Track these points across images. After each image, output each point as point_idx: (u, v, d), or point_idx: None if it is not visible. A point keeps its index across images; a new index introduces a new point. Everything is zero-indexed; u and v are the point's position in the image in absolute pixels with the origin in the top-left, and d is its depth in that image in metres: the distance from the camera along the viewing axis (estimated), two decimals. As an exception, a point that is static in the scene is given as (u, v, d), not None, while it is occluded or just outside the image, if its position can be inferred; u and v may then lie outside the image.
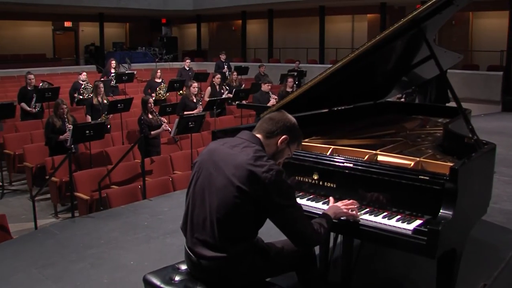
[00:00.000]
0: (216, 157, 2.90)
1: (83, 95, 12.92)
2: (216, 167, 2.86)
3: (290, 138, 2.99)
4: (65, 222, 6.79)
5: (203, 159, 2.98)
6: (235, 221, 2.78)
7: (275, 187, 2.73)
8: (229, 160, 2.83)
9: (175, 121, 9.01)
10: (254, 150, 2.83)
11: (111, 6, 24.16)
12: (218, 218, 2.78)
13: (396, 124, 4.88)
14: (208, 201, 2.84)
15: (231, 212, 2.75)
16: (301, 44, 25.00)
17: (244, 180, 2.72)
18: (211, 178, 2.86)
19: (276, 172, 2.74)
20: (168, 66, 23.17)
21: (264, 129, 2.98)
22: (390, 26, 3.55)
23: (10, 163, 10.02)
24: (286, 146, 3.01)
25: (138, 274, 4.14)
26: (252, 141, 2.91)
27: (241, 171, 2.75)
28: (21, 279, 4.72)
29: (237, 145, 2.90)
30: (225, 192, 2.76)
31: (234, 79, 15.16)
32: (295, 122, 3.03)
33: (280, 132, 2.97)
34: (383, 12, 21.87)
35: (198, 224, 2.87)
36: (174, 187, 7.83)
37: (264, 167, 2.74)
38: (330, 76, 3.79)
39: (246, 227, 2.83)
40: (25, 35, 27.78)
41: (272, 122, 2.98)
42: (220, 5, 25.39)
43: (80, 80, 13.20)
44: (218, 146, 2.98)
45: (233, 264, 2.82)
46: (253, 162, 2.75)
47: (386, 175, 3.16)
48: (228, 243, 2.79)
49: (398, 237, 2.93)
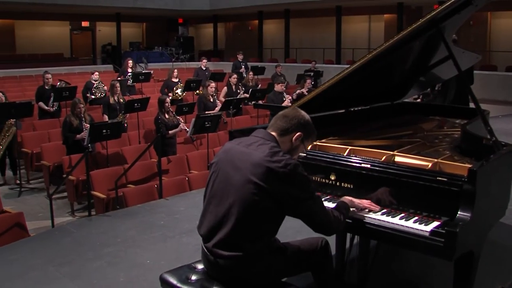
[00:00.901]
0: (233, 156, 2.92)
1: (95, 94, 12.98)
2: (233, 165, 2.87)
3: (305, 134, 3.02)
4: (82, 221, 6.83)
5: (219, 159, 2.99)
6: (253, 219, 2.79)
7: (293, 181, 2.76)
8: (246, 158, 2.84)
9: (191, 121, 9.02)
10: (270, 147, 2.85)
11: (128, 6, 24.27)
12: (236, 216, 2.79)
13: (414, 125, 4.85)
14: (226, 200, 2.85)
15: (250, 209, 2.77)
16: (318, 44, 24.98)
17: (262, 177, 2.74)
18: (228, 177, 2.87)
19: (293, 166, 2.77)
20: (184, 66, 23.25)
21: (279, 127, 2.99)
22: (408, 26, 3.54)
23: (27, 162, 10.09)
24: (301, 143, 3.04)
25: (154, 273, 4.17)
26: (267, 139, 2.93)
27: (258, 167, 2.76)
28: (38, 276, 4.76)
29: (253, 143, 2.92)
30: (244, 190, 2.77)
31: (250, 79, 15.15)
32: (308, 118, 3.04)
33: (294, 129, 2.99)
34: (400, 12, 21.77)
35: (216, 223, 2.88)
36: (191, 187, 7.83)
37: (281, 162, 2.76)
38: (348, 76, 3.78)
39: (265, 224, 2.84)
40: (42, 35, 28.00)
41: (286, 119, 3.00)
42: (237, 5, 25.39)
43: (93, 79, 13.23)
44: (234, 146, 3.00)
45: (250, 264, 2.82)
46: (270, 158, 2.78)
47: (404, 176, 3.14)
48: (246, 241, 2.80)
49: (415, 239, 2.91)
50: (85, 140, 8.55)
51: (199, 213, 3.09)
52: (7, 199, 8.64)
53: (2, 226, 6.10)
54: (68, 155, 8.78)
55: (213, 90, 11.79)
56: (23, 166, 10.21)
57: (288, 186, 2.75)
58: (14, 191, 9.42)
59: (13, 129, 9.51)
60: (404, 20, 21.67)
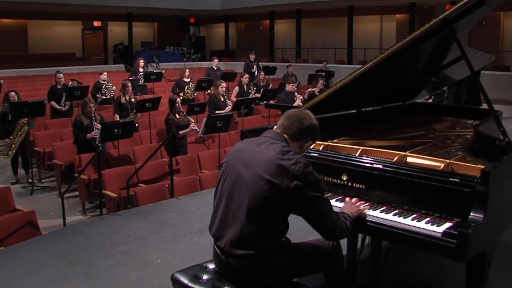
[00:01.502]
0: (244, 155, 2.94)
1: (105, 95, 13.01)
2: (245, 164, 2.88)
3: (313, 141, 3.11)
4: (93, 219, 6.86)
5: (230, 159, 3.01)
6: (265, 216, 2.80)
7: (304, 179, 2.77)
8: (257, 156, 2.87)
9: (203, 121, 9.03)
10: (281, 146, 2.89)
11: (140, 6, 24.30)
12: (248, 213, 2.80)
13: (425, 126, 4.84)
14: (237, 198, 2.86)
15: (261, 206, 2.78)
16: (329, 44, 24.93)
17: (274, 173, 2.76)
18: (239, 176, 2.88)
19: (304, 164, 2.79)
20: (196, 66, 23.28)
21: (292, 132, 3.01)
22: (421, 27, 3.52)
23: (39, 161, 10.15)
24: (307, 148, 3.13)
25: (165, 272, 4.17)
26: (278, 139, 2.95)
27: (270, 165, 2.79)
28: (50, 274, 4.79)
29: (264, 142, 2.95)
30: (255, 187, 2.79)
31: (262, 79, 15.14)
32: (317, 123, 3.07)
33: (306, 138, 3.04)
34: (412, 12, 21.67)
35: (227, 222, 2.89)
36: (202, 186, 7.85)
37: (292, 160, 2.79)
38: (360, 76, 3.78)
39: (275, 222, 2.86)
40: (55, 34, 28.11)
41: (301, 127, 3.01)
42: (248, 5, 25.37)
43: (101, 80, 13.26)
44: (245, 145, 3.02)
45: (261, 263, 2.83)
46: (281, 156, 2.81)
47: (416, 177, 3.13)
48: (257, 240, 2.81)
49: (427, 240, 2.90)
50: (96, 140, 8.58)
51: (210, 212, 3.09)
52: (19, 197, 8.68)
53: (14, 224, 6.14)
54: (78, 154, 8.80)
55: (223, 89, 11.80)
56: (35, 165, 10.26)
57: (297, 183, 2.76)
58: (26, 189, 9.46)
59: (26, 128, 9.56)
60: (416, 20, 21.57)
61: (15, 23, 26.70)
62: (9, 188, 7.28)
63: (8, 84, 15.04)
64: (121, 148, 8.99)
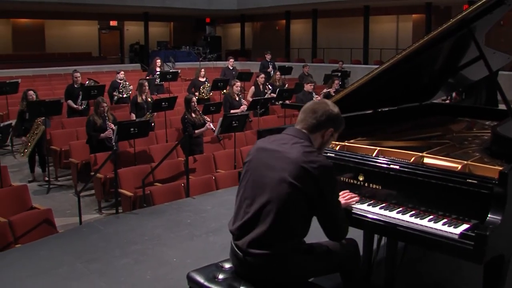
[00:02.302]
0: (266, 155, 2.93)
1: (122, 94, 13.06)
2: (267, 165, 2.88)
3: (335, 128, 3.04)
4: (109, 218, 6.89)
5: (252, 158, 3.01)
6: (286, 218, 2.80)
7: (326, 182, 2.78)
8: (280, 157, 2.86)
9: (219, 120, 9.04)
10: (304, 146, 2.87)
11: (156, 6, 24.37)
12: (270, 215, 2.80)
13: (442, 126, 4.81)
14: (260, 199, 2.86)
15: (283, 208, 2.78)
16: (345, 44, 24.88)
17: (297, 176, 2.76)
18: (262, 177, 2.88)
19: (327, 167, 2.80)
20: (211, 65, 23.32)
21: (309, 124, 2.99)
22: (439, 27, 3.51)
23: (56, 159, 10.21)
24: (330, 136, 3.05)
25: (180, 271, 4.20)
26: (300, 137, 2.93)
27: (293, 167, 2.78)
28: (67, 272, 4.82)
29: (286, 142, 2.93)
30: (278, 189, 2.78)
31: (278, 79, 15.14)
32: (337, 111, 3.04)
33: (325, 126, 3.00)
34: (428, 12, 21.57)
35: (249, 222, 2.89)
36: (217, 186, 7.86)
37: (316, 162, 2.78)
38: (377, 76, 3.76)
39: (298, 224, 2.85)
40: (71, 34, 28.30)
41: (315, 116, 2.99)
42: (264, 4, 25.37)
43: (118, 79, 13.32)
44: (267, 144, 3.00)
45: (278, 263, 2.83)
46: (305, 158, 2.79)
47: (433, 178, 3.11)
48: (278, 240, 2.81)
49: (444, 241, 2.88)
50: (111, 139, 8.62)
51: (226, 211, 3.11)
52: (36, 195, 8.73)
53: (31, 222, 6.19)
54: (91, 154, 8.84)
55: (238, 89, 11.81)
56: (52, 163, 10.32)
57: (319, 186, 2.76)
58: (42, 187, 9.52)
59: (42, 127, 9.62)
60: (432, 20, 21.46)
61: (33, 23, 26.92)
62: (26, 186, 7.35)
63: (26, 83, 15.15)
64: (137, 147, 9.03)
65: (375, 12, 23.72)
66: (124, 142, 9.39)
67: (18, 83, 12.83)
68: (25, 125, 9.81)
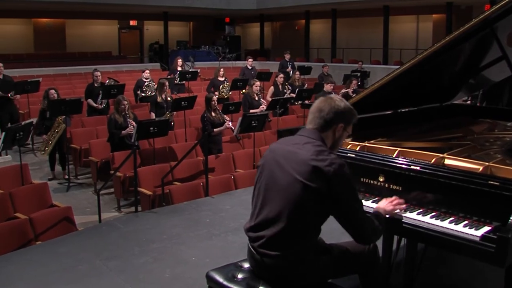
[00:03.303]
0: (278, 156, 2.93)
1: (146, 92, 13.11)
2: (279, 165, 2.88)
3: (345, 123, 2.99)
4: (129, 216, 6.93)
5: (266, 160, 3.01)
6: (301, 218, 2.79)
7: (338, 180, 2.74)
8: (291, 157, 2.85)
9: (238, 120, 9.04)
10: (315, 145, 2.85)
11: (176, 5, 24.42)
12: (283, 215, 2.80)
13: (463, 127, 4.76)
14: (273, 200, 2.86)
15: (297, 208, 2.77)
16: (365, 44, 24.76)
17: (308, 176, 2.74)
18: (275, 177, 2.88)
19: (338, 165, 2.76)
20: (231, 65, 23.34)
21: (318, 123, 2.96)
22: (460, 27, 3.48)
23: (76, 157, 10.28)
24: (343, 131, 3.01)
25: (199, 270, 4.21)
26: (312, 137, 2.92)
27: (304, 167, 2.77)
28: (86, 269, 4.86)
29: (298, 142, 2.92)
30: (290, 189, 2.78)
31: (297, 78, 15.13)
32: (344, 105, 2.99)
33: (334, 122, 2.96)
34: (449, 12, 21.39)
35: (263, 223, 2.89)
36: (236, 185, 7.86)
37: (326, 161, 2.75)
38: (398, 77, 3.75)
39: (311, 224, 2.84)
40: (92, 33, 28.47)
41: (322, 114, 2.96)
42: (284, 4, 25.32)
43: (143, 78, 13.38)
44: (279, 145, 3.01)
45: (296, 263, 2.83)
46: (315, 157, 2.77)
47: (454, 179, 3.08)
48: (293, 241, 2.81)
49: (464, 243, 2.87)
50: (131, 137, 8.65)
51: (244, 211, 3.11)
52: (56, 193, 8.80)
53: (51, 219, 6.25)
54: (112, 152, 8.90)
55: (258, 88, 11.80)
56: (72, 161, 10.39)
57: (332, 184, 2.74)
58: (62, 185, 9.59)
59: (63, 126, 9.69)
60: (453, 20, 21.29)
61: (54, 22, 27.12)
62: (47, 184, 7.42)
63: (47, 82, 15.29)
64: (156, 146, 9.07)
65: (395, 12, 23.58)
66: (143, 141, 9.44)
67: (39, 82, 12.93)
68: (46, 124, 9.89)
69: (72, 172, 10.16)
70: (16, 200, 6.69)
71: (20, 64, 21.36)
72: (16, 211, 6.59)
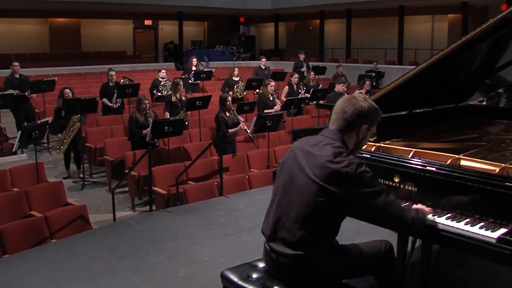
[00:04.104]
0: (298, 156, 2.92)
1: (162, 92, 13.15)
2: (298, 166, 2.87)
3: (369, 124, 2.97)
4: (143, 215, 6.95)
5: (286, 158, 3.01)
6: (316, 220, 2.79)
7: (359, 179, 2.73)
8: (310, 159, 2.84)
9: (253, 120, 9.04)
10: (334, 147, 2.83)
11: (190, 5, 24.46)
12: (300, 216, 2.80)
13: (479, 128, 4.72)
14: (290, 201, 2.86)
15: (313, 210, 2.77)
16: (380, 44, 24.67)
17: (326, 178, 2.74)
18: (293, 178, 2.88)
19: (356, 165, 2.75)
20: (245, 65, 23.34)
21: (341, 125, 2.93)
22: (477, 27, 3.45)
23: (91, 156, 10.33)
24: (367, 132, 2.98)
25: (213, 269, 4.22)
26: (333, 138, 2.89)
27: (321, 169, 2.76)
28: (101, 268, 4.88)
29: (318, 143, 2.90)
30: (307, 191, 2.77)
31: (312, 78, 15.11)
32: (368, 105, 2.95)
33: (358, 124, 2.93)
34: (464, 12, 21.26)
35: (279, 223, 2.89)
36: (250, 185, 7.87)
37: (343, 162, 2.74)
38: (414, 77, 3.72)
39: (327, 225, 2.84)
40: (107, 33, 28.62)
41: (345, 116, 2.92)
42: (299, 4, 25.28)
43: (160, 77, 13.41)
44: (300, 145, 2.99)
45: (311, 264, 2.82)
46: (333, 159, 2.76)
47: (470, 181, 3.05)
48: (308, 242, 2.80)
49: (480, 245, 2.84)
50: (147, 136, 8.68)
51: (259, 211, 3.11)
52: (71, 191, 8.84)
53: (66, 217, 6.29)
54: (133, 150, 8.96)
55: (272, 88, 11.82)
56: (86, 160, 10.45)
57: (354, 185, 2.73)
58: (77, 184, 9.64)
59: (78, 125, 9.74)
60: (469, 21, 21.15)
61: (69, 22, 27.29)
62: (62, 182, 7.46)
63: (62, 82, 15.37)
64: (171, 146, 9.09)
65: (410, 12, 23.49)
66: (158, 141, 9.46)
67: (55, 81, 13.00)
68: (61, 123, 9.96)
69: (87, 171, 10.21)
70: (31, 198, 6.74)
71: (36, 63, 21.55)
72: (31, 209, 6.64)
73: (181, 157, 9.08)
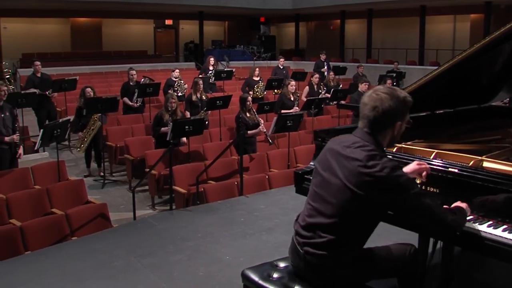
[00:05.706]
0: (331, 158, 2.90)
1: (177, 92, 13.17)
2: (331, 169, 2.86)
3: (402, 119, 2.92)
4: (163, 214, 6.98)
5: (320, 160, 3.00)
6: (348, 223, 2.79)
7: (393, 183, 2.70)
8: (343, 162, 2.82)
9: (273, 119, 9.04)
10: (367, 150, 2.78)
11: (211, 5, 24.50)
12: (332, 218, 2.79)
13: (502, 130, 4.68)
14: (323, 202, 2.86)
15: (345, 213, 2.77)
16: (400, 44, 24.51)
17: (359, 184, 2.72)
18: (326, 181, 2.88)
19: (390, 169, 2.70)
20: (266, 65, 23.32)
21: (373, 127, 2.87)
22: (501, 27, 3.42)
23: (111, 155, 10.38)
24: (401, 126, 2.94)
25: (233, 269, 4.22)
26: (365, 139, 2.85)
27: (354, 174, 2.74)
28: (121, 266, 4.91)
29: (351, 145, 2.85)
30: (340, 195, 2.77)
31: (332, 79, 15.06)
32: (397, 99, 2.87)
33: (390, 123, 2.89)
34: (487, 12, 21.02)
35: (311, 222, 2.89)
36: (270, 185, 7.86)
37: (377, 166, 2.70)
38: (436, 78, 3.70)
39: (359, 229, 2.85)
40: (128, 32, 28.78)
41: (376, 116, 2.84)
42: (320, 4, 25.20)
43: (173, 77, 13.36)
44: (333, 146, 2.95)
45: (335, 264, 2.81)
46: (366, 163, 2.72)
47: (492, 182, 3.03)
48: (339, 243, 2.80)
49: (503, 248, 2.81)
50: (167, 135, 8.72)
51: (279, 211, 3.11)
52: (91, 190, 8.89)
53: (87, 215, 6.34)
54: (156, 148, 9.06)
55: (293, 88, 11.81)
56: (107, 159, 10.51)
57: (388, 190, 2.71)
58: (98, 182, 9.71)
59: (99, 123, 9.80)
60: (492, 21, 20.92)
61: (91, 21, 27.49)
62: (83, 180, 7.51)
63: (83, 81, 15.45)
64: (191, 145, 9.11)
65: (432, 12, 23.31)
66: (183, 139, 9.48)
67: (76, 80, 13.10)
68: (83, 121, 10.04)
69: (108, 169, 10.26)
70: (52, 196, 6.81)
71: (57, 62, 21.73)
72: (52, 206, 6.71)
73: (201, 156, 9.11)
